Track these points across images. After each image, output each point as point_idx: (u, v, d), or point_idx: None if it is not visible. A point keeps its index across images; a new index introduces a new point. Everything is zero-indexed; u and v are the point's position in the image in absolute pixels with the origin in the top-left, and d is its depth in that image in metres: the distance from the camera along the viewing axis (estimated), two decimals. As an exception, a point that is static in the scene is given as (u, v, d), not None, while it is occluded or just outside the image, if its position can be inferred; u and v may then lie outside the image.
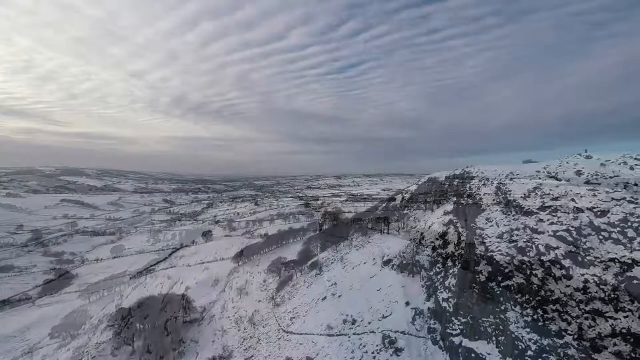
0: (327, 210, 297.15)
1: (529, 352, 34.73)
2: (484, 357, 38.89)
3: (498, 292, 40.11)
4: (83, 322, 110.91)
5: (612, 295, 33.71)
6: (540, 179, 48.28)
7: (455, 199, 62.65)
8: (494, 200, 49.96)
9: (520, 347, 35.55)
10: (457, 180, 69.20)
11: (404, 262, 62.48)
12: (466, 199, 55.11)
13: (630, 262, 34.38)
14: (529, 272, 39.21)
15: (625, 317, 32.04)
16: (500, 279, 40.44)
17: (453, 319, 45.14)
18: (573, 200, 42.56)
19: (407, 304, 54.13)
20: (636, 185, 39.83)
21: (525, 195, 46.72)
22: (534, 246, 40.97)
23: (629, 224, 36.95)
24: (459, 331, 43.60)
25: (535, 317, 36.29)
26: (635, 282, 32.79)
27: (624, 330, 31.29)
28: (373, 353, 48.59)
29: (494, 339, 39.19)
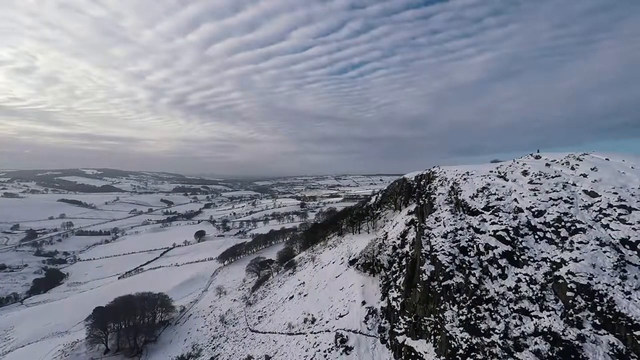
0: (321, 210, 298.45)
1: (460, 351, 34.98)
2: (422, 355, 39.30)
3: (438, 291, 40.36)
4: (66, 320, 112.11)
5: (539, 294, 33.97)
6: (490, 178, 48.43)
7: (416, 199, 62.81)
8: (445, 199, 50.19)
9: (453, 346, 35.82)
10: (423, 181, 69.41)
11: (367, 262, 62.91)
12: (424, 198, 55.38)
13: (559, 261, 34.61)
14: (467, 271, 39.44)
15: (548, 316, 32.28)
16: (441, 278, 40.64)
17: (399, 317, 45.56)
18: (515, 200, 42.78)
19: (363, 302, 54.61)
20: (574, 185, 39.96)
21: (473, 195, 46.93)
22: (475, 245, 41.23)
23: (563, 223, 37.13)
24: (403, 330, 44.00)
25: (469, 315, 36.51)
26: (560, 281, 33.01)
27: (545, 329, 31.49)
28: (325, 351, 49.11)
29: (432, 337, 39.57)
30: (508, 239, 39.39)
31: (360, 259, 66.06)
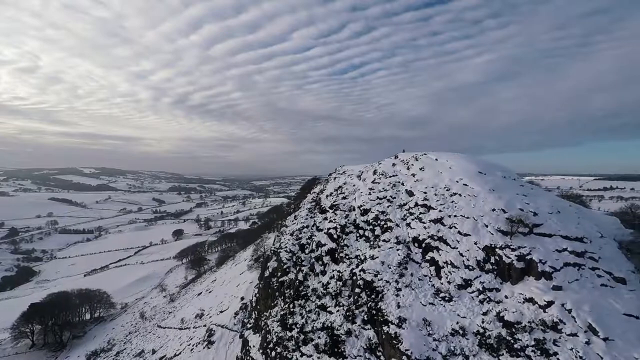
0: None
1: (271, 345, 36.26)
2: (250, 349, 40.60)
3: (275, 287, 41.62)
4: (14, 316, 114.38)
5: (338, 291, 34.99)
6: (350, 177, 49.31)
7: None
8: (312, 198, 51.28)
9: (268, 339, 37.10)
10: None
11: (263, 259, 64.20)
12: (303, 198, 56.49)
13: (363, 257, 35.56)
14: (299, 267, 40.63)
15: (337, 312, 33.29)
16: (279, 274, 41.92)
17: (252, 313, 46.87)
18: (354, 199, 43.72)
19: (242, 298, 56.02)
20: (402, 184, 40.72)
21: (329, 194, 47.92)
22: (311, 243, 42.34)
23: (379, 221, 37.99)
24: (251, 324, 45.34)
25: (287, 311, 37.70)
26: (354, 277, 33.98)
27: (329, 324, 32.51)
28: (193, 345, 50.72)
29: (262, 331, 40.82)
30: (335, 236, 40.42)
31: (261, 257, 67.38)
